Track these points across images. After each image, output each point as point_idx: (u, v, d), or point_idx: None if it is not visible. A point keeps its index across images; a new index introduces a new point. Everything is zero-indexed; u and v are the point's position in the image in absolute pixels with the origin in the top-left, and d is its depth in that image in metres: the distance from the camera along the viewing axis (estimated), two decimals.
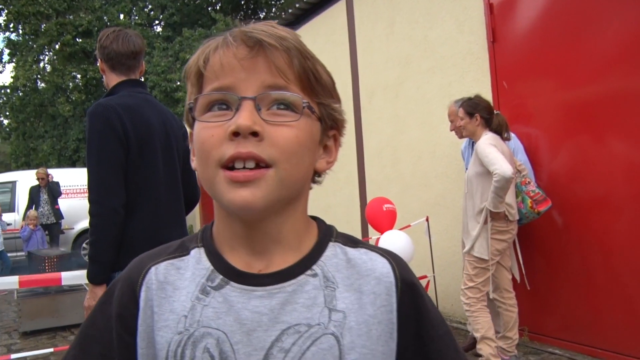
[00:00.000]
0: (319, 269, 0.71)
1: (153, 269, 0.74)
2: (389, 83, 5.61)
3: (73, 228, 10.78)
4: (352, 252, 0.74)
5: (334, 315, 0.68)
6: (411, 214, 5.17)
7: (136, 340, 0.71)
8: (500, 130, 3.57)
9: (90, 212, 2.06)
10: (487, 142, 3.41)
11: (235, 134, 0.63)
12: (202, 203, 12.62)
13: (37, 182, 9.30)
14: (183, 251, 0.75)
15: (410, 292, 0.73)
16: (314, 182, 0.77)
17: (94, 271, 2.09)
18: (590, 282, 3.74)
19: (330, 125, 0.74)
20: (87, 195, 2.10)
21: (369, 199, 5.88)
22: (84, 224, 10.38)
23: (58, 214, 9.42)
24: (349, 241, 0.76)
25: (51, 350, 4.57)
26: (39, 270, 6.66)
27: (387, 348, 0.71)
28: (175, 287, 0.71)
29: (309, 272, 0.70)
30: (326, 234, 0.76)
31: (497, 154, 3.30)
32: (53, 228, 9.44)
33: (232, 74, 0.66)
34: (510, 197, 3.50)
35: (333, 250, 0.73)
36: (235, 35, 0.67)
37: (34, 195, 9.28)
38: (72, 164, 19.20)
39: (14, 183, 11.22)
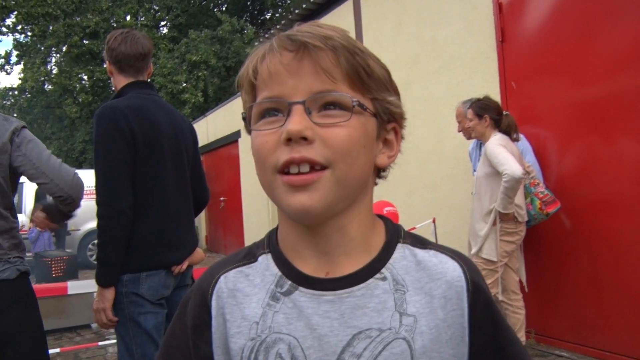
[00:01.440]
0: (387, 272, 0.70)
1: (222, 277, 0.75)
2: (396, 83, 5.58)
3: (79, 229, 10.80)
4: (421, 253, 0.73)
5: (404, 320, 0.68)
6: (418, 216, 5.14)
7: (212, 348, 0.73)
8: (509, 131, 3.55)
9: (98, 214, 2.05)
10: (497, 142, 3.38)
11: (289, 139, 0.64)
12: (208, 204, 12.64)
13: None
14: (251, 258, 0.76)
15: (481, 295, 0.73)
16: (380, 177, 0.78)
17: (102, 273, 2.08)
18: (598, 284, 3.70)
19: (387, 119, 0.74)
20: (94, 197, 2.09)
21: (375, 200, 5.86)
22: (91, 225, 10.41)
23: None
24: (417, 242, 0.75)
25: (57, 350, 4.57)
26: (46, 272, 6.70)
27: (458, 351, 0.70)
28: (246, 294, 0.72)
29: (378, 275, 0.70)
30: (394, 234, 0.75)
31: (507, 155, 3.27)
32: (60, 230, 9.46)
33: (281, 81, 0.66)
34: (519, 198, 3.47)
35: (402, 252, 0.73)
36: (280, 40, 0.68)
37: (40, 197, 9.31)
38: (79, 165, 19.28)
39: (21, 184, 11.26)
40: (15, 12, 18.49)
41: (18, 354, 1.90)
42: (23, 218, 10.56)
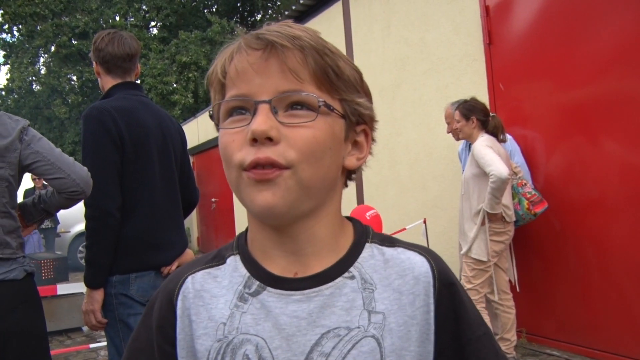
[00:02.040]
0: (356, 271, 0.70)
1: (190, 278, 0.74)
2: (385, 85, 5.61)
3: (69, 231, 10.73)
4: (389, 251, 0.73)
5: (373, 317, 0.67)
6: (408, 216, 5.17)
7: (176, 350, 0.72)
8: (496, 133, 3.59)
9: (86, 216, 2.05)
10: (484, 143, 3.42)
11: (255, 139, 0.64)
12: (199, 205, 12.59)
13: (32, 185, 9.25)
14: (219, 260, 0.75)
15: (448, 292, 0.72)
16: (350, 179, 0.77)
17: (91, 274, 2.07)
18: (587, 283, 3.74)
19: (356, 121, 0.73)
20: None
21: (366, 201, 5.89)
22: (81, 227, 10.33)
23: (54, 219, 9.35)
24: (386, 241, 0.75)
25: None
26: (35, 274, 6.62)
27: (424, 350, 0.70)
28: (213, 295, 0.71)
29: (346, 274, 0.69)
30: (362, 234, 0.75)
31: (494, 155, 3.31)
32: (49, 232, 9.39)
33: (247, 80, 0.66)
34: (507, 199, 3.50)
35: (370, 251, 0.73)
36: (248, 39, 0.68)
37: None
38: None
39: None
40: (1, 12, 18.32)
41: (20, 355, 1.88)
42: None
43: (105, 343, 4.51)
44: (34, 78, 19.58)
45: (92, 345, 4.51)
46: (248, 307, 0.69)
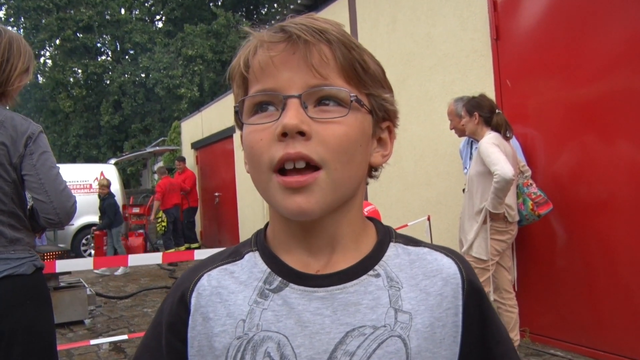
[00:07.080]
0: (381, 269, 0.69)
1: (205, 276, 0.72)
2: (391, 80, 5.44)
3: (73, 224, 10.74)
4: (415, 251, 0.72)
5: (400, 317, 0.66)
6: (412, 213, 5.14)
7: (186, 347, 0.70)
8: (499, 130, 3.53)
9: None
10: (490, 141, 3.38)
11: (284, 134, 0.61)
12: (203, 199, 12.58)
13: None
14: (237, 256, 0.73)
15: (475, 295, 0.71)
16: (371, 176, 0.75)
17: None
18: (592, 283, 3.71)
19: (382, 117, 0.72)
20: (88, 191, 2.04)
21: (370, 197, 5.86)
22: (85, 219, 10.38)
23: None
24: (410, 241, 0.74)
25: None
26: None
27: (450, 352, 0.68)
28: (231, 291, 0.70)
29: (371, 272, 0.68)
30: (385, 234, 0.74)
31: (499, 155, 3.27)
32: None
33: (274, 74, 0.64)
34: (510, 198, 3.47)
35: (394, 250, 0.71)
36: (272, 32, 0.65)
37: None
38: (73, 159, 19.22)
39: None
40: (6, 6, 18.38)
41: (26, 352, 1.85)
42: None
43: (107, 339, 4.51)
44: (39, 71, 19.62)
45: (92, 342, 4.49)
46: (269, 303, 0.67)
